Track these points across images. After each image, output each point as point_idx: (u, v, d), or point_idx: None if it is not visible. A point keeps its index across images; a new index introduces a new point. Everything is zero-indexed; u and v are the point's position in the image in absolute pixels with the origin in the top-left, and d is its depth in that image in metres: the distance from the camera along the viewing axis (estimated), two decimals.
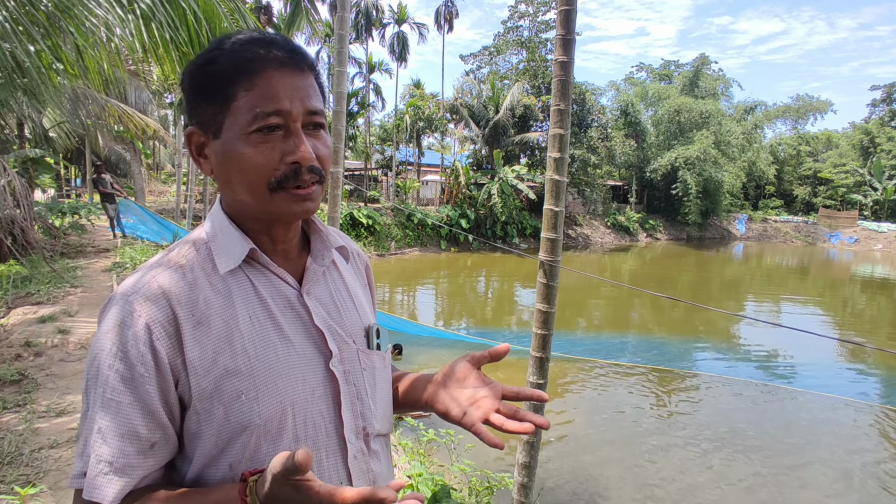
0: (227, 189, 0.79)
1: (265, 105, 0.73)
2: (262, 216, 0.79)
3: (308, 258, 0.87)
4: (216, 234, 0.81)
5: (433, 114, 29.08)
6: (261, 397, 0.74)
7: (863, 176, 40.12)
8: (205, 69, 0.75)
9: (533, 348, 3.15)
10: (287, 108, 0.74)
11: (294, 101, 0.75)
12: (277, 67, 0.75)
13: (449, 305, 15.40)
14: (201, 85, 0.76)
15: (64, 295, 6.75)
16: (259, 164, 0.74)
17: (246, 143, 0.74)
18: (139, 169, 19.43)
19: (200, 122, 0.78)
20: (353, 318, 0.88)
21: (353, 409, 0.83)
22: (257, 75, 0.74)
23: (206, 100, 0.76)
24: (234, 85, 0.74)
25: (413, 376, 1.00)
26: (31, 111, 9.48)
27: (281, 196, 0.76)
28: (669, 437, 6.55)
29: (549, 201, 3.04)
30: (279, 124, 0.74)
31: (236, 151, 0.75)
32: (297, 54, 0.77)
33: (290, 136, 0.75)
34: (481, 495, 3.68)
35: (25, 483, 2.66)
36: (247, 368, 0.74)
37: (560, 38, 2.92)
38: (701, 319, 13.41)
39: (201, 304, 0.75)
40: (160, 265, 0.78)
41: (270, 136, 0.74)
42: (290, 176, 0.75)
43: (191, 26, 4.29)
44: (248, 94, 0.73)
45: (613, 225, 33.74)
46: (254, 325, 0.76)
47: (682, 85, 38.65)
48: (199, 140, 0.79)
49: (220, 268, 0.78)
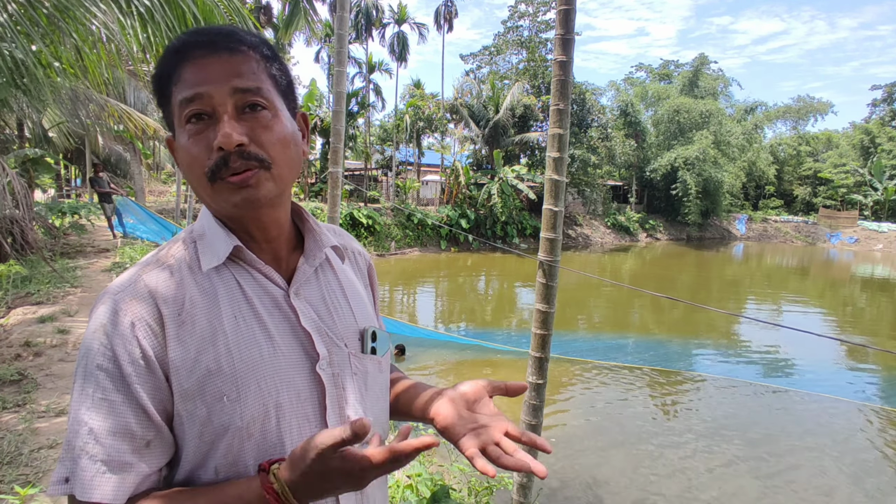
0: (192, 188, 0.81)
1: (185, 92, 0.72)
2: (220, 212, 0.78)
3: (301, 258, 0.84)
4: (204, 232, 0.80)
5: (433, 114, 29.08)
6: (243, 398, 0.72)
7: (863, 176, 40.13)
8: (154, 75, 0.76)
9: (532, 348, 3.15)
10: (206, 91, 0.71)
11: (216, 83, 0.71)
12: (201, 55, 0.72)
13: (449, 305, 15.40)
14: (155, 91, 0.77)
15: (63, 295, 6.75)
16: (193, 155, 0.72)
17: (183, 136, 0.74)
18: (139, 169, 19.41)
19: (168, 123, 0.78)
20: (346, 321, 0.85)
21: (340, 414, 0.80)
22: (182, 66, 0.73)
23: (160, 105, 0.77)
24: (170, 82, 0.74)
25: (410, 382, 0.98)
26: (31, 111, 9.48)
27: (219, 186, 0.73)
28: (669, 438, 6.55)
29: (549, 201, 3.04)
30: (204, 111, 0.72)
31: (179, 146, 0.75)
32: (222, 36, 0.74)
33: (215, 126, 0.72)
34: (480, 495, 3.68)
35: (25, 483, 2.66)
36: (230, 369, 0.72)
37: (559, 37, 2.92)
38: (701, 320, 13.42)
39: (187, 304, 0.73)
40: (150, 263, 0.77)
41: (199, 127, 0.72)
42: (220, 164, 0.71)
43: (189, 26, 4.30)
44: (177, 87, 0.73)
45: (613, 225, 33.74)
46: (239, 325, 0.75)
47: (682, 85, 38.65)
48: (172, 145, 0.79)
49: (203, 265, 0.76)
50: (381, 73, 29.26)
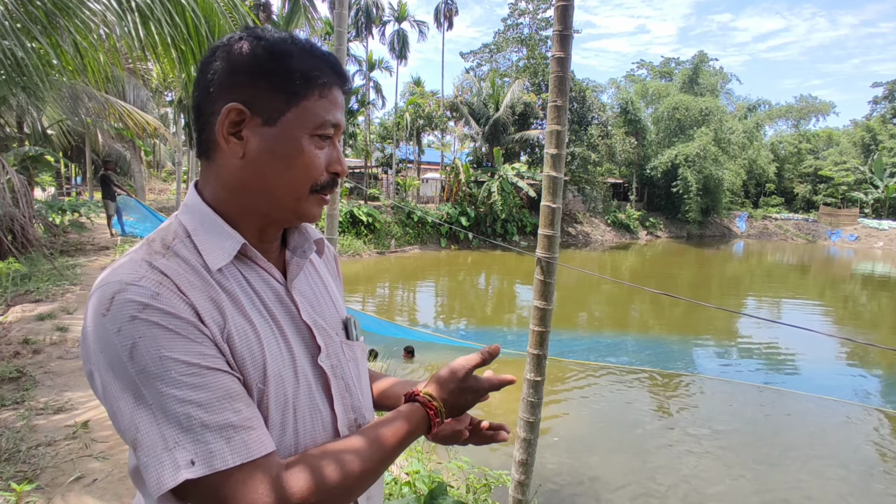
0: (256, 178, 0.76)
1: (332, 116, 0.79)
2: (278, 213, 0.80)
3: (286, 252, 0.86)
4: (197, 228, 0.77)
5: (433, 111, 29.04)
6: (268, 389, 0.74)
7: (864, 174, 40.08)
8: (281, 59, 0.76)
9: (530, 345, 3.15)
10: (342, 124, 0.81)
11: (342, 118, 0.82)
12: (340, 85, 0.81)
13: (449, 303, 15.40)
14: (272, 71, 0.75)
15: (63, 292, 6.75)
16: (314, 164, 0.78)
17: (307, 142, 0.77)
18: (139, 167, 19.41)
19: (249, 103, 0.75)
20: (331, 311, 0.89)
21: (343, 403, 0.84)
22: (330, 87, 0.79)
23: (271, 86, 0.75)
24: (310, 86, 0.77)
25: (393, 379, 1.04)
26: (31, 109, 9.48)
27: (313, 199, 0.80)
28: (668, 438, 6.55)
29: (547, 198, 3.03)
30: (331, 135, 0.80)
31: (295, 147, 0.77)
32: (349, 77, 0.84)
33: (334, 149, 0.81)
34: (479, 492, 3.68)
35: (23, 479, 2.66)
36: (260, 357, 0.73)
37: (557, 33, 2.91)
38: (701, 317, 13.41)
39: (209, 292, 0.72)
40: (147, 255, 0.72)
41: (323, 144, 0.79)
42: (329, 183, 0.81)
43: (189, 23, 4.28)
44: (322, 100, 0.78)
45: (614, 223, 33.72)
46: (257, 319, 0.76)
47: (682, 82, 38.58)
48: (237, 118, 0.75)
49: (210, 263, 0.74)
50: (381, 71, 29.25)
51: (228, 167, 0.77)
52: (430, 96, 30.53)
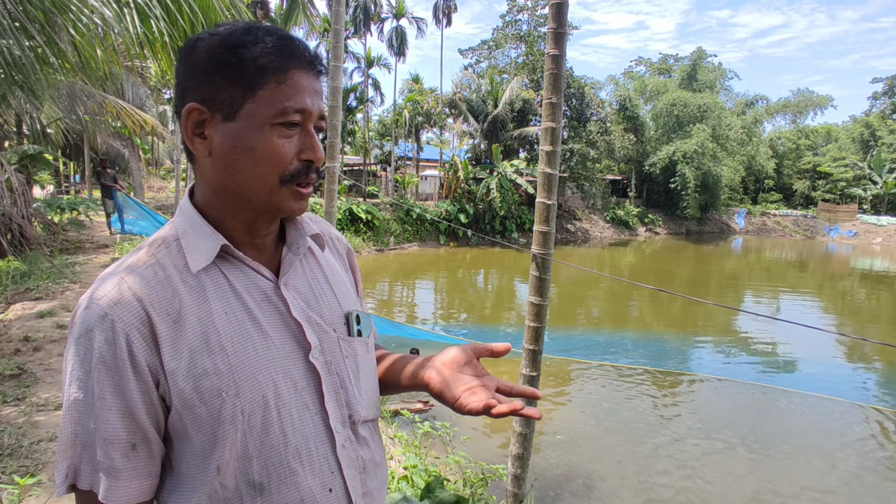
0: (226, 174, 0.77)
1: (294, 102, 0.75)
2: (256, 208, 0.79)
3: (284, 248, 0.86)
4: (186, 230, 0.79)
5: (432, 108, 29.01)
6: (241, 393, 0.74)
7: (862, 170, 40.11)
8: (234, 51, 0.74)
9: (526, 341, 3.18)
10: (309, 109, 0.77)
11: (314, 103, 0.78)
12: (304, 68, 0.77)
13: (448, 300, 15.43)
14: (225, 64, 0.74)
15: (62, 290, 6.77)
16: (278, 154, 0.75)
17: (268, 132, 0.75)
18: (137, 165, 19.36)
19: (208, 100, 0.75)
20: (332, 306, 0.88)
21: (336, 399, 0.83)
22: (289, 71, 0.75)
23: (227, 80, 0.74)
24: (266, 75, 0.74)
25: (396, 355, 1.02)
26: (30, 107, 9.48)
27: (286, 190, 0.77)
28: (667, 436, 6.56)
29: (542, 194, 3.06)
30: (298, 122, 0.77)
31: (256, 138, 0.75)
32: (318, 58, 0.80)
33: (306, 136, 0.78)
34: (476, 486, 3.72)
35: (25, 474, 2.69)
36: (225, 366, 0.74)
37: (552, 31, 2.94)
38: (700, 314, 13.44)
39: (175, 304, 0.74)
40: (129, 267, 0.76)
41: (289, 132, 0.76)
42: (301, 172, 0.77)
43: (187, 21, 4.30)
44: (279, 87, 0.75)
45: (612, 219, 33.73)
46: (230, 321, 0.76)
47: (681, 78, 38.54)
48: (198, 118, 0.76)
49: (192, 266, 0.76)
50: (379, 68, 29.24)
51: (204, 167, 0.79)
52: (429, 93, 30.48)
